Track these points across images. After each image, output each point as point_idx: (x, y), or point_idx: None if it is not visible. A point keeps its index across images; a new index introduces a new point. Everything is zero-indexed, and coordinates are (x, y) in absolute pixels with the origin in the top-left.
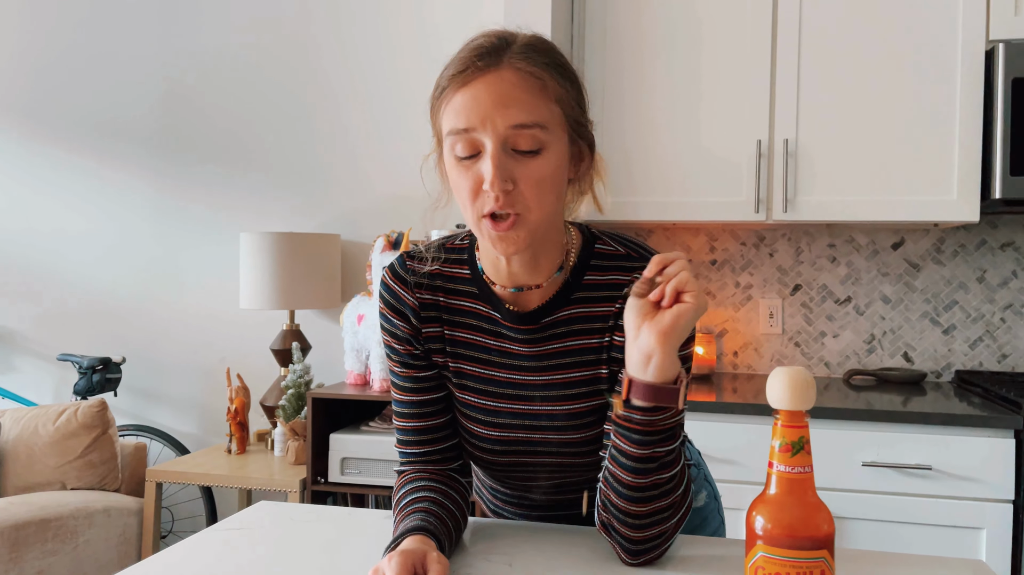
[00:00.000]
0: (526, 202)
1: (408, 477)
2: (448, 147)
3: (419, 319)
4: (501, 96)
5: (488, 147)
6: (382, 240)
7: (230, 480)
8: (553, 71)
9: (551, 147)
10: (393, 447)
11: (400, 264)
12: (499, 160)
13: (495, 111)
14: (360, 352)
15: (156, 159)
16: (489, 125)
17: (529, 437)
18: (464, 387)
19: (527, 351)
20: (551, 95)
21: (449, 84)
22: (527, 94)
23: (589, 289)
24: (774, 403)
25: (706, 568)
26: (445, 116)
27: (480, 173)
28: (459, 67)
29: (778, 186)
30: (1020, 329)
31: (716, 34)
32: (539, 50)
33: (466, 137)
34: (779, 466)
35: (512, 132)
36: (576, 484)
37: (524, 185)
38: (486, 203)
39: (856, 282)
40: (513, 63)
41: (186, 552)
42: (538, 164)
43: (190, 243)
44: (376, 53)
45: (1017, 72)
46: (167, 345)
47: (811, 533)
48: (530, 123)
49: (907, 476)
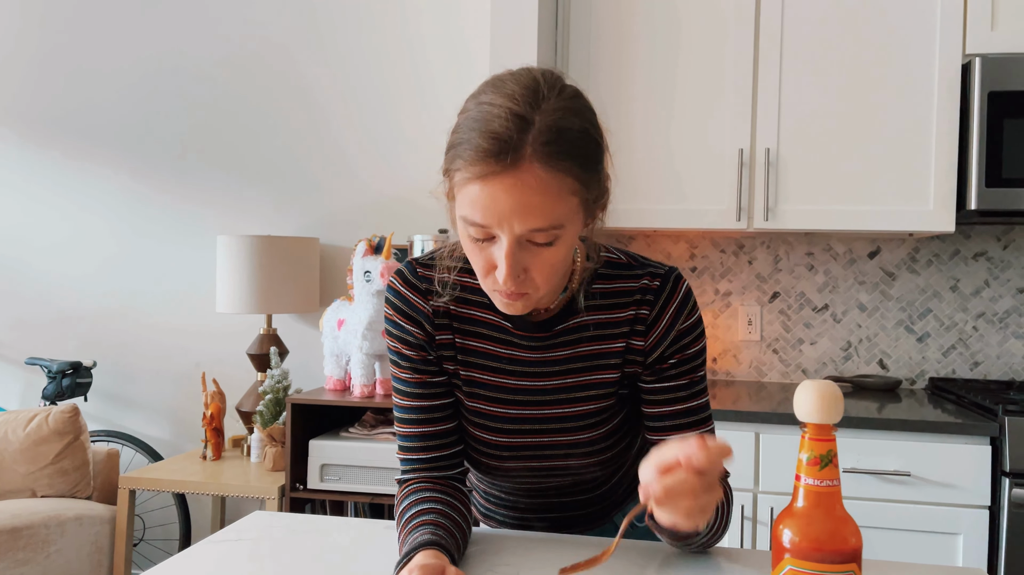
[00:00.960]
0: (536, 284)
1: (412, 487)
2: (461, 224)
3: (433, 326)
4: (520, 203)
5: (504, 243)
6: (364, 244)
7: (206, 487)
8: (575, 164)
9: (565, 237)
10: (373, 454)
11: (411, 271)
12: (513, 259)
13: (513, 216)
14: (340, 357)
15: (129, 159)
16: (506, 226)
17: (538, 441)
18: (475, 395)
19: (538, 358)
20: (569, 190)
21: (467, 168)
22: (545, 197)
23: (598, 297)
24: (802, 416)
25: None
26: (460, 197)
27: (492, 257)
28: (476, 156)
29: (759, 195)
30: (992, 337)
31: (699, 44)
32: (562, 137)
33: (481, 229)
34: (807, 479)
35: (529, 235)
36: (581, 486)
37: (536, 273)
38: (497, 284)
39: (833, 290)
40: (533, 165)
41: (186, 564)
42: (551, 254)
43: (165, 245)
44: (358, 55)
45: (993, 86)
46: (140, 349)
47: (839, 546)
48: (547, 227)
49: (886, 482)
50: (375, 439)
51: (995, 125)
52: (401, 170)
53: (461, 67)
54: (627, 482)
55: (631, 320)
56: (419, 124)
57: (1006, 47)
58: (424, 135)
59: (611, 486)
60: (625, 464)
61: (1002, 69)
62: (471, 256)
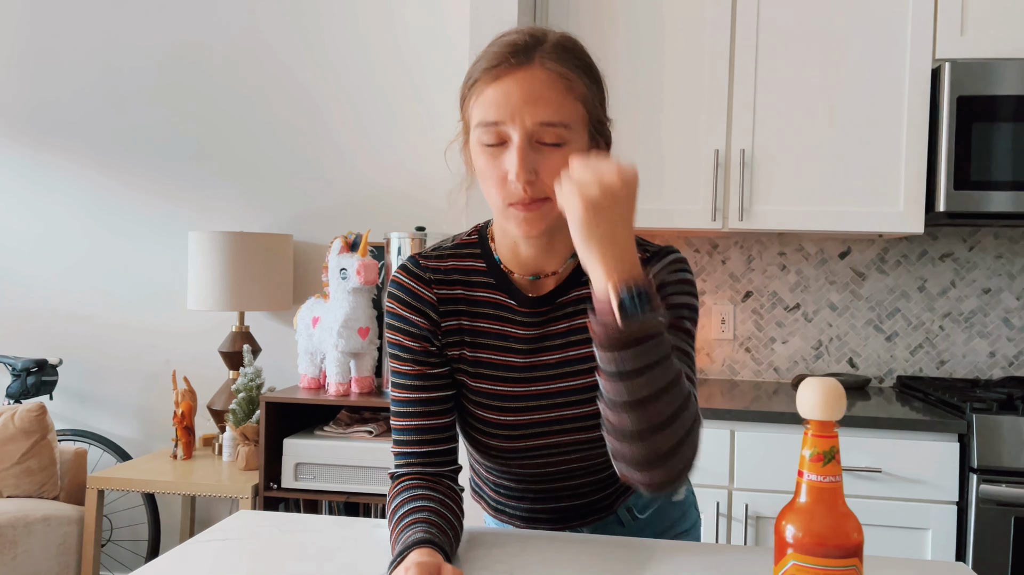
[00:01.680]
0: (547, 191)
1: (405, 484)
2: (476, 136)
3: (439, 314)
4: (531, 94)
5: (515, 140)
6: (339, 242)
7: (178, 486)
8: (581, 72)
9: (573, 143)
10: (349, 452)
11: (413, 263)
12: (524, 154)
13: (524, 108)
14: (315, 355)
15: (97, 153)
16: (517, 120)
17: (546, 417)
18: (480, 375)
19: (541, 332)
20: (577, 95)
21: (481, 77)
22: (555, 93)
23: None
24: (805, 413)
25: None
26: (475, 107)
27: (505, 165)
28: (492, 62)
29: (734, 195)
30: (957, 336)
31: (676, 46)
32: (569, 50)
33: (494, 129)
34: (810, 475)
35: (538, 128)
36: (589, 467)
37: (546, 175)
38: (513, 194)
39: (805, 290)
40: (544, 62)
41: (178, 564)
42: (560, 156)
43: (134, 242)
44: (337, 51)
45: (962, 90)
46: (108, 347)
47: (842, 542)
48: (556, 122)
49: (858, 479)
50: (350, 438)
51: (963, 129)
52: (375, 167)
53: (442, 65)
54: None
55: None
56: (395, 121)
57: (975, 52)
58: (399, 132)
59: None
60: None
61: (971, 74)
62: (485, 173)
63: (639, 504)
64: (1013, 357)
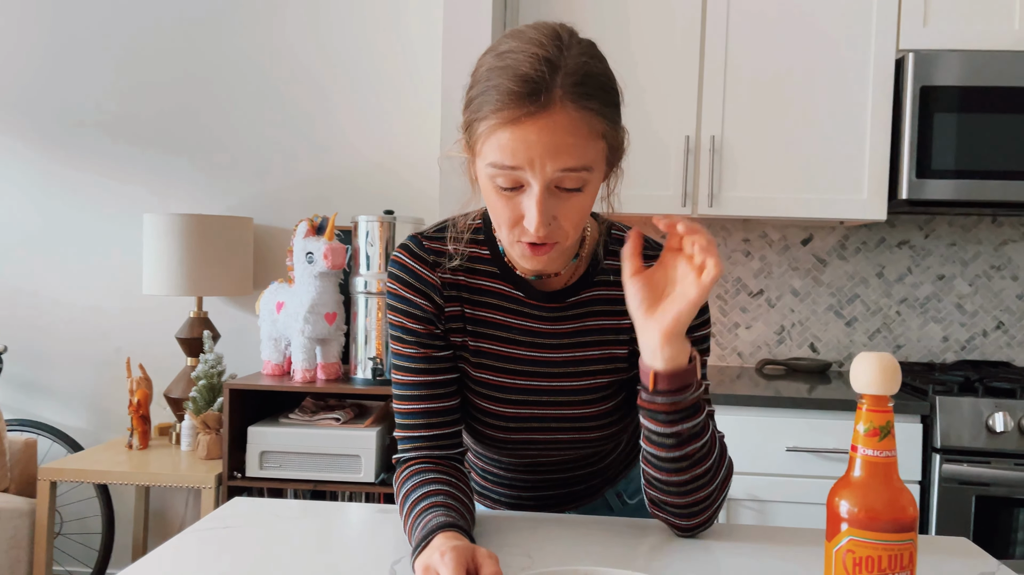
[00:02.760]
0: (564, 232)
1: (414, 468)
2: (488, 174)
3: (442, 298)
4: (552, 143)
5: (535, 189)
6: (305, 224)
7: (136, 477)
8: (602, 104)
9: (592, 183)
10: (315, 440)
11: (416, 244)
12: (544, 205)
13: (546, 157)
14: (279, 341)
15: (41, 129)
16: (538, 169)
17: (544, 413)
18: (482, 365)
19: (549, 328)
20: (599, 132)
21: (494, 117)
22: (577, 139)
23: (609, 273)
24: (860, 388)
25: (784, 557)
26: (488, 146)
27: (521, 208)
28: (506, 103)
29: (704, 181)
30: (913, 321)
31: (647, 33)
32: (591, 78)
33: (511, 174)
34: (865, 450)
35: (560, 176)
36: (580, 461)
37: (564, 220)
38: (525, 235)
39: (768, 276)
40: (565, 105)
41: (175, 554)
42: (579, 200)
43: (85, 223)
44: (298, 27)
45: (924, 80)
46: (55, 333)
47: (899, 516)
48: (579, 167)
49: (826, 460)
50: (316, 425)
51: (926, 118)
52: (339, 149)
53: (406, 46)
54: (622, 459)
55: None
56: (359, 102)
57: (938, 43)
58: (364, 113)
59: (608, 463)
60: (622, 442)
61: (933, 64)
62: (496, 209)
63: (629, 490)
64: (965, 342)
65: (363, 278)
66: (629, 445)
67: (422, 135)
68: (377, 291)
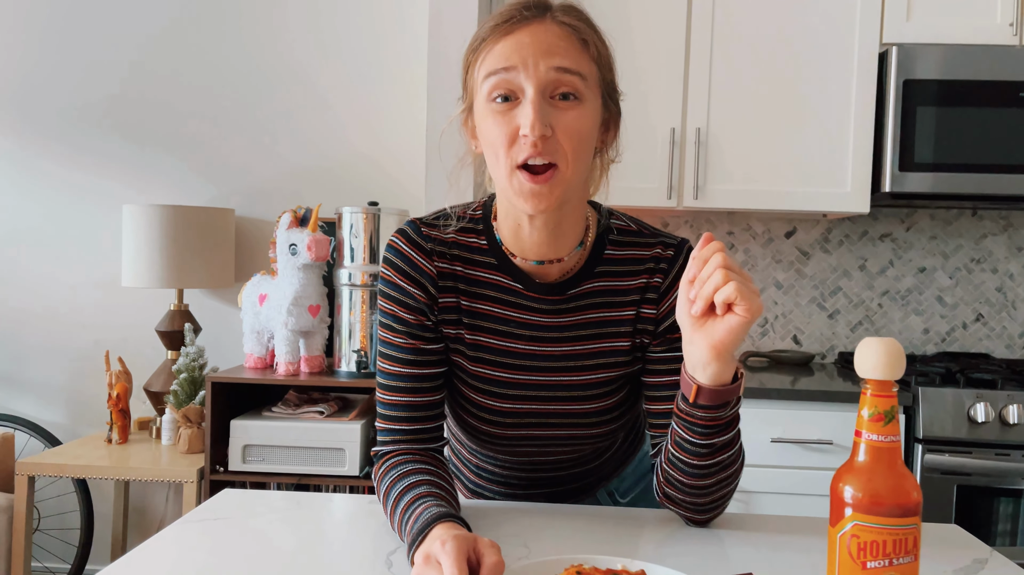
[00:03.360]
0: (563, 152)
1: (395, 460)
2: (484, 95)
3: (437, 288)
4: (546, 43)
5: (528, 91)
6: (288, 216)
7: (117, 471)
8: (594, 34)
9: (588, 101)
10: (299, 433)
11: (414, 230)
12: (539, 105)
13: (539, 54)
14: (261, 334)
15: (18, 120)
16: (531, 66)
17: (544, 408)
18: (480, 359)
19: (551, 322)
20: (591, 53)
21: (491, 34)
22: (570, 45)
23: (610, 263)
24: (864, 373)
25: (787, 546)
26: (484, 62)
27: (517, 121)
28: (503, 18)
29: (689, 173)
30: (895, 313)
31: (633, 26)
32: (581, 12)
33: (506, 78)
34: (869, 435)
35: (553, 76)
36: (576, 460)
37: (561, 134)
38: (522, 150)
39: (752, 268)
40: (557, 17)
41: (170, 546)
42: (575, 115)
43: (64, 214)
44: (278, 17)
45: (908, 74)
46: (32, 326)
47: (903, 500)
48: (572, 69)
49: (810, 451)
50: (300, 418)
51: (909, 112)
52: (323, 140)
53: (389, 37)
54: (616, 458)
55: (642, 288)
56: (343, 92)
57: (920, 37)
58: (349, 104)
59: (603, 461)
60: (619, 439)
61: (916, 58)
62: (493, 134)
63: (621, 488)
64: (946, 333)
65: (347, 270)
66: (625, 443)
67: (407, 126)
68: (361, 283)
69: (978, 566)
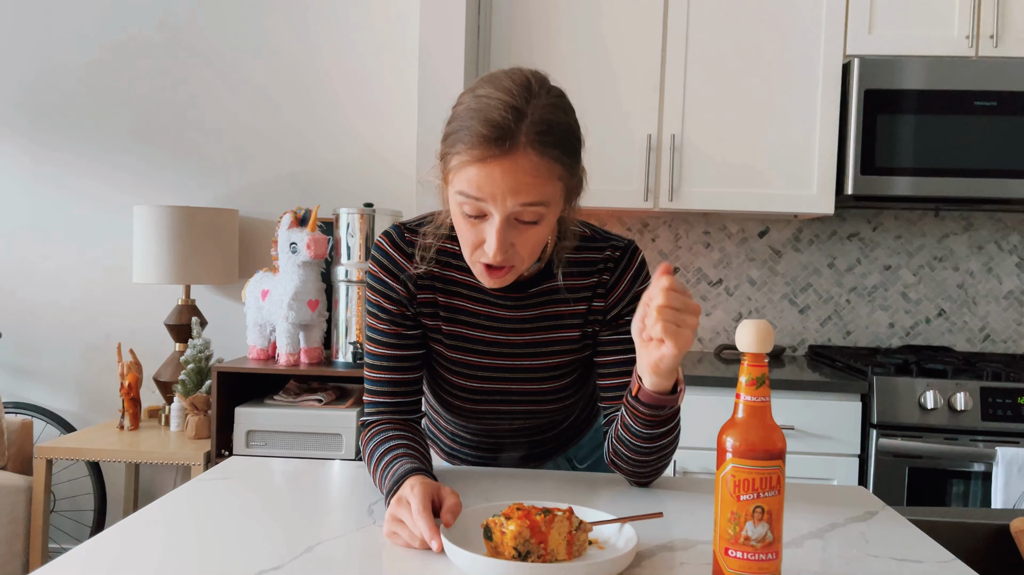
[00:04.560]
0: (520, 258)
1: (380, 427)
2: (456, 201)
3: (416, 286)
4: (514, 182)
5: (495, 220)
6: (289, 216)
7: (129, 455)
8: (562, 153)
9: (548, 217)
10: (299, 420)
11: (398, 234)
12: (503, 234)
13: (507, 193)
14: (264, 327)
15: (37, 124)
16: (499, 203)
17: (507, 387)
18: (456, 347)
19: (512, 315)
20: (557, 175)
21: (464, 153)
22: (536, 179)
23: (567, 265)
24: (742, 347)
25: (696, 499)
26: (458, 177)
27: (483, 234)
28: (475, 143)
29: (665, 177)
30: (861, 309)
31: (612, 38)
32: (553, 127)
33: (476, 204)
34: (746, 396)
35: (519, 210)
36: (536, 429)
37: (521, 247)
38: (484, 256)
39: (727, 266)
40: (527, 150)
41: (187, 498)
42: (535, 231)
43: (77, 215)
44: (282, 25)
45: (869, 84)
46: (48, 320)
47: (770, 447)
48: (536, 202)
49: None
50: (300, 406)
51: (870, 119)
52: (321, 146)
53: (387, 43)
54: (573, 429)
55: (594, 286)
56: (341, 100)
57: (882, 49)
58: (346, 111)
59: (560, 431)
60: (573, 413)
61: (878, 69)
62: (462, 233)
63: (579, 455)
64: (910, 327)
65: (344, 267)
66: (580, 418)
67: (400, 133)
68: (357, 279)
69: (868, 516)
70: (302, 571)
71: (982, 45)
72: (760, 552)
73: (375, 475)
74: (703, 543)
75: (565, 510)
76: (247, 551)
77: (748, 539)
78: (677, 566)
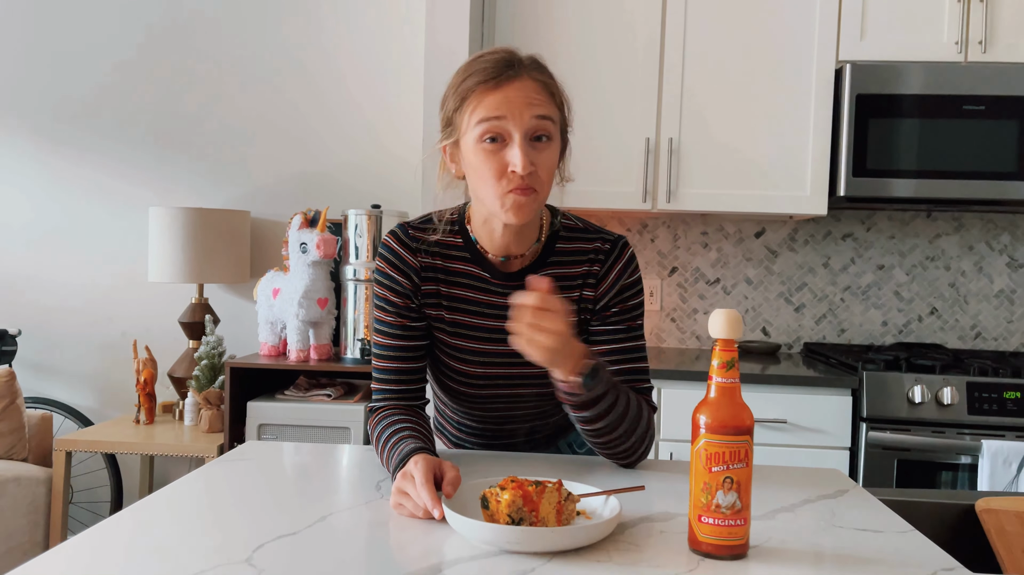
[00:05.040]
0: (541, 181)
1: (386, 412)
2: (475, 136)
3: (420, 278)
4: (527, 97)
5: (516, 137)
6: (299, 217)
7: (145, 447)
8: (554, 85)
9: (555, 139)
10: (309, 414)
11: (403, 232)
12: (525, 148)
13: (524, 106)
14: (275, 325)
15: (56, 129)
16: (518, 115)
17: (508, 372)
18: (458, 334)
19: (510, 302)
20: (555, 101)
21: (478, 88)
22: (544, 97)
23: (561, 255)
24: (714, 334)
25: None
26: (476, 110)
27: (506, 159)
28: (489, 75)
29: (663, 179)
30: (856, 307)
31: (611, 45)
32: (543, 68)
33: (497, 124)
34: (717, 378)
35: (535, 123)
36: (537, 415)
37: (540, 169)
38: (512, 180)
39: (724, 266)
40: (530, 74)
41: (208, 476)
42: (549, 152)
43: (95, 216)
44: (292, 28)
45: (860, 89)
46: (66, 318)
47: (738, 424)
48: (546, 115)
49: (768, 429)
50: (309, 400)
51: (862, 123)
52: (332, 148)
53: (395, 47)
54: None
55: (584, 275)
56: (350, 104)
57: (873, 55)
58: (354, 115)
59: (561, 415)
60: None
61: (869, 74)
62: (483, 169)
63: (579, 440)
64: (903, 325)
65: (352, 266)
66: None
67: (407, 137)
68: (365, 278)
69: (839, 494)
70: (317, 536)
71: (971, 51)
72: (730, 518)
73: (382, 455)
74: (681, 515)
75: (555, 482)
76: (266, 520)
77: (719, 507)
78: (656, 534)
